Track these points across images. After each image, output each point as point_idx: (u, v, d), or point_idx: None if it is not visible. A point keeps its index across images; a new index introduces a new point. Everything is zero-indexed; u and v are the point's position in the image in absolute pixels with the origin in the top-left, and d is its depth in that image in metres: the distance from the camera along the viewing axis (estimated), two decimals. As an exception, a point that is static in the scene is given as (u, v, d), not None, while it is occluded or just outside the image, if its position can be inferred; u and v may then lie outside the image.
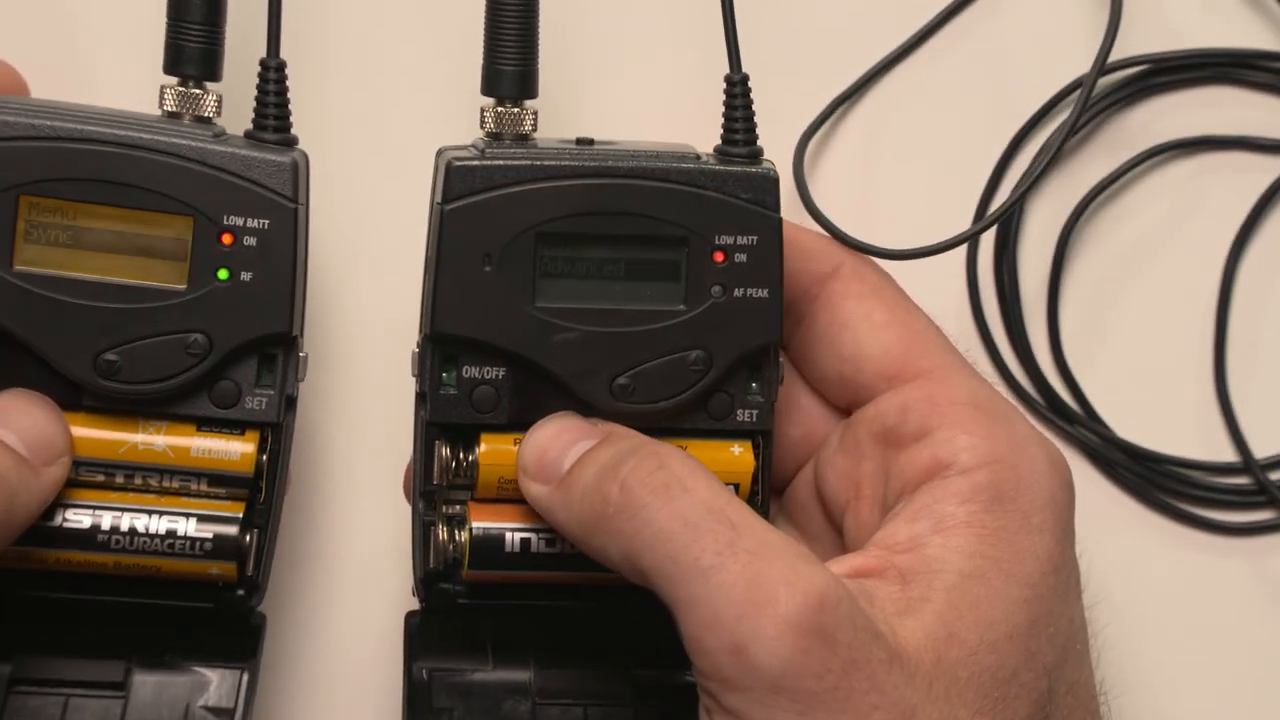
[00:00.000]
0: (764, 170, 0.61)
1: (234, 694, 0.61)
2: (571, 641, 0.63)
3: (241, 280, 0.59)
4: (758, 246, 0.61)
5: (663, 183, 0.60)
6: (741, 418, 0.62)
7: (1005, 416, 0.61)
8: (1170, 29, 0.75)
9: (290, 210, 0.59)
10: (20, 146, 0.58)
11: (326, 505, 0.70)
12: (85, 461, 0.60)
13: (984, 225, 0.68)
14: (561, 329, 0.60)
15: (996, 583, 0.57)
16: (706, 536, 0.55)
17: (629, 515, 0.56)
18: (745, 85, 0.62)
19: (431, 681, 0.62)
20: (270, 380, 0.60)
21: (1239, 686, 0.74)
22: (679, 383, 0.61)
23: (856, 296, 0.63)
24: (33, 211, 0.58)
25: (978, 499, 0.58)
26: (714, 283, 0.61)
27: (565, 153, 0.60)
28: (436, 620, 0.64)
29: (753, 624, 0.53)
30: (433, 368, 0.61)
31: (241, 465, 0.60)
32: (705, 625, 0.54)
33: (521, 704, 0.62)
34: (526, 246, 0.60)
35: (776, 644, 0.53)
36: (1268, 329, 0.75)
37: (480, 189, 0.59)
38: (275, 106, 0.61)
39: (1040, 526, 0.58)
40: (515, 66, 0.61)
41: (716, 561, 0.54)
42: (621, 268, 0.61)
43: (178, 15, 0.61)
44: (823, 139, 0.73)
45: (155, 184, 0.58)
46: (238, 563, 0.60)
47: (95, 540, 0.59)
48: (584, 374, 0.60)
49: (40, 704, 0.60)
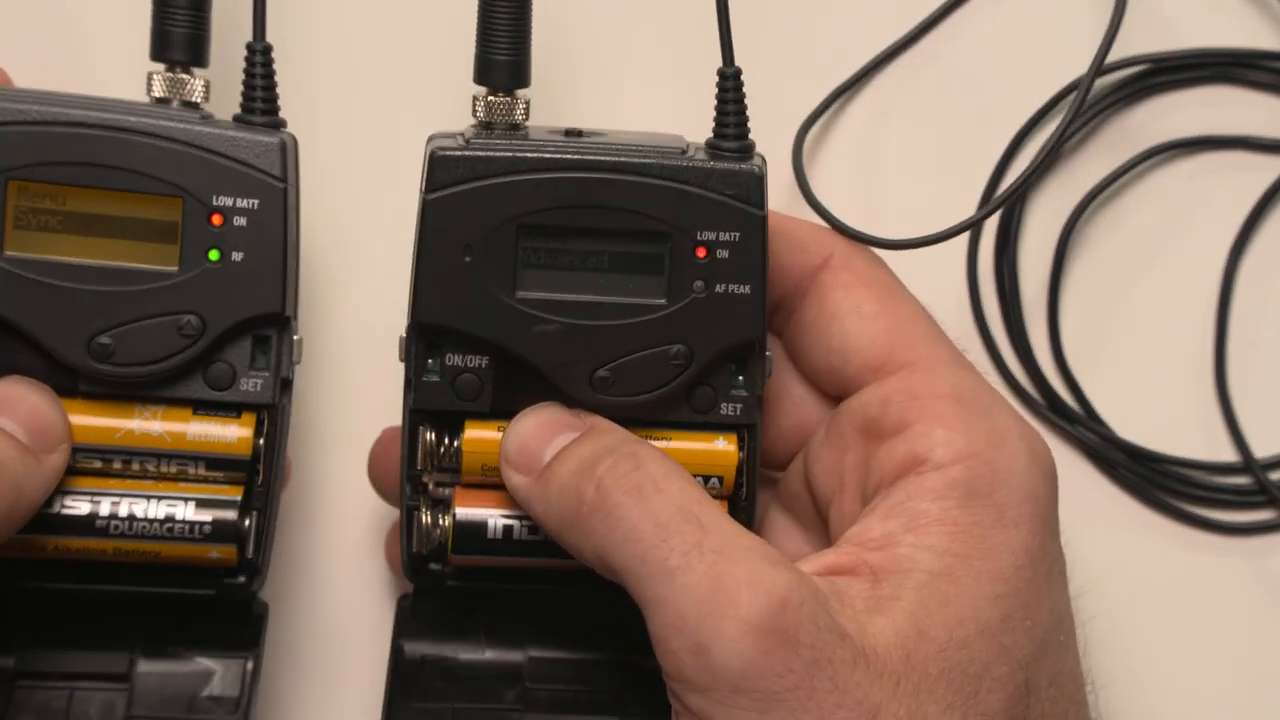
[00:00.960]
0: (749, 167, 0.61)
1: (238, 683, 0.61)
2: (564, 626, 0.63)
3: (232, 260, 0.59)
4: (740, 243, 0.60)
5: (647, 178, 0.60)
6: (725, 411, 0.62)
7: (986, 409, 0.61)
8: (1170, 29, 0.75)
9: (279, 190, 0.59)
10: (7, 132, 0.58)
11: (324, 492, 0.70)
12: (82, 448, 0.60)
13: (988, 211, 0.67)
14: (541, 320, 0.60)
15: (967, 580, 0.57)
16: (675, 537, 0.55)
17: (602, 514, 0.56)
18: (738, 79, 0.62)
19: (423, 663, 0.62)
20: (264, 362, 0.61)
21: (1239, 686, 0.74)
22: (659, 376, 0.61)
23: (845, 287, 0.63)
24: (21, 197, 0.58)
25: (951, 495, 0.58)
26: (696, 278, 0.60)
27: (551, 144, 0.60)
28: (429, 603, 0.65)
29: (715, 625, 0.54)
30: (417, 355, 0.61)
31: (238, 448, 0.60)
32: (670, 626, 0.54)
33: (512, 688, 0.62)
34: (508, 237, 0.60)
35: (737, 645, 0.53)
36: (1268, 329, 0.75)
37: (463, 179, 0.59)
38: (263, 90, 0.61)
39: (1016, 521, 0.58)
40: (507, 56, 0.61)
41: (683, 562, 0.55)
42: (604, 261, 0.61)
43: (164, 1, 0.61)
44: (822, 130, 0.73)
45: (143, 166, 0.58)
46: (237, 546, 0.61)
47: (94, 526, 0.60)
48: (564, 366, 0.61)
49: (45, 697, 0.60)
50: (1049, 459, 0.61)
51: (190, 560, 0.61)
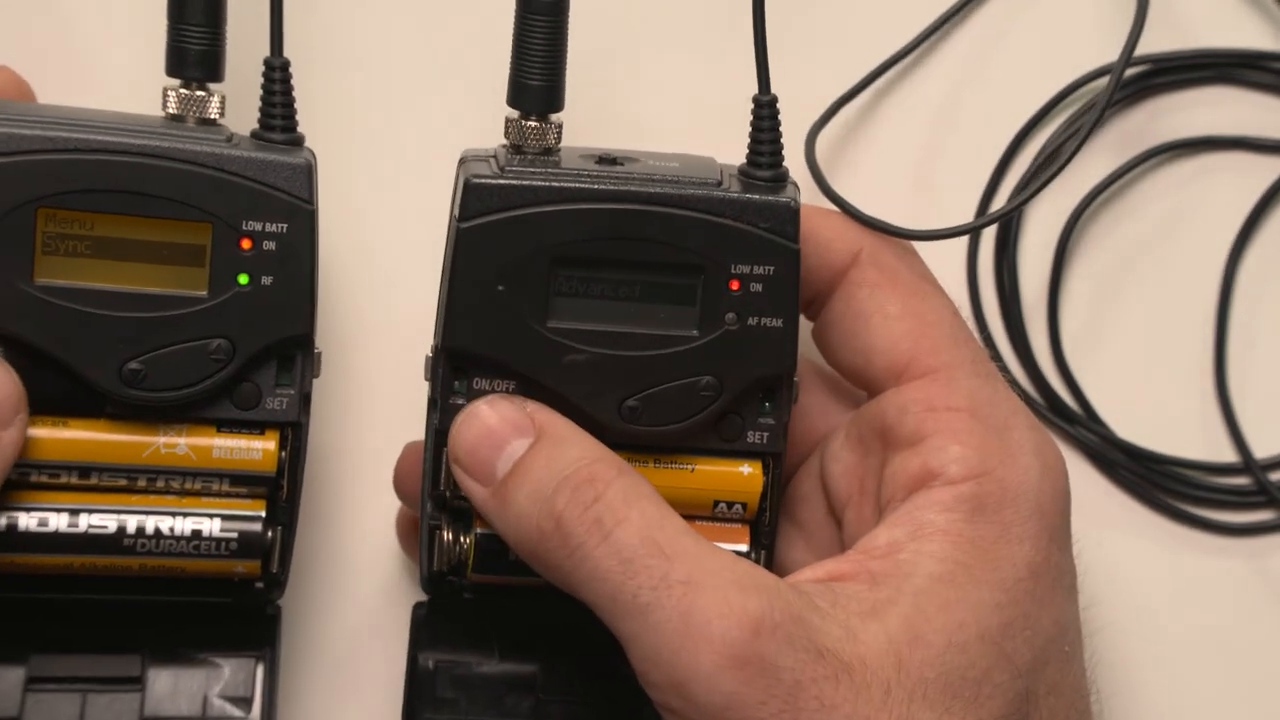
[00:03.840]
0: (784, 200, 0.60)
1: (250, 682, 0.62)
2: (578, 638, 0.63)
3: (262, 284, 0.59)
4: (774, 276, 0.60)
5: (681, 210, 0.60)
6: (752, 439, 0.62)
7: (1003, 423, 0.61)
8: (1171, 29, 0.75)
9: (308, 212, 0.59)
10: (35, 160, 0.57)
11: (339, 502, 0.70)
12: (108, 467, 0.60)
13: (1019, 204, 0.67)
14: (571, 350, 0.60)
15: (967, 586, 0.57)
16: (641, 574, 0.55)
17: (565, 554, 0.56)
18: (773, 108, 0.61)
19: (436, 672, 0.63)
20: (289, 380, 0.61)
21: (1238, 687, 0.74)
22: (688, 407, 0.61)
23: (871, 285, 0.63)
24: (51, 224, 0.58)
25: (959, 509, 0.59)
26: (728, 310, 0.60)
27: (586, 174, 0.60)
28: (444, 612, 0.65)
29: (690, 660, 0.54)
30: (444, 377, 0.61)
31: (264, 464, 0.60)
32: (649, 661, 0.55)
33: (525, 699, 0.62)
34: (541, 267, 0.59)
35: (715, 680, 0.54)
36: (1267, 329, 0.75)
37: (497, 208, 0.59)
38: (281, 106, 0.61)
39: (1021, 537, 0.59)
40: (542, 81, 0.61)
41: (652, 598, 0.55)
42: (636, 291, 0.60)
43: (179, 18, 0.60)
44: (833, 130, 0.73)
45: (172, 192, 0.58)
46: (262, 560, 0.61)
47: (121, 544, 0.60)
48: (593, 396, 0.60)
49: (59, 702, 0.60)
50: (1062, 473, 0.61)
51: (216, 575, 0.61)
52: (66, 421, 0.59)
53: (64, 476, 0.59)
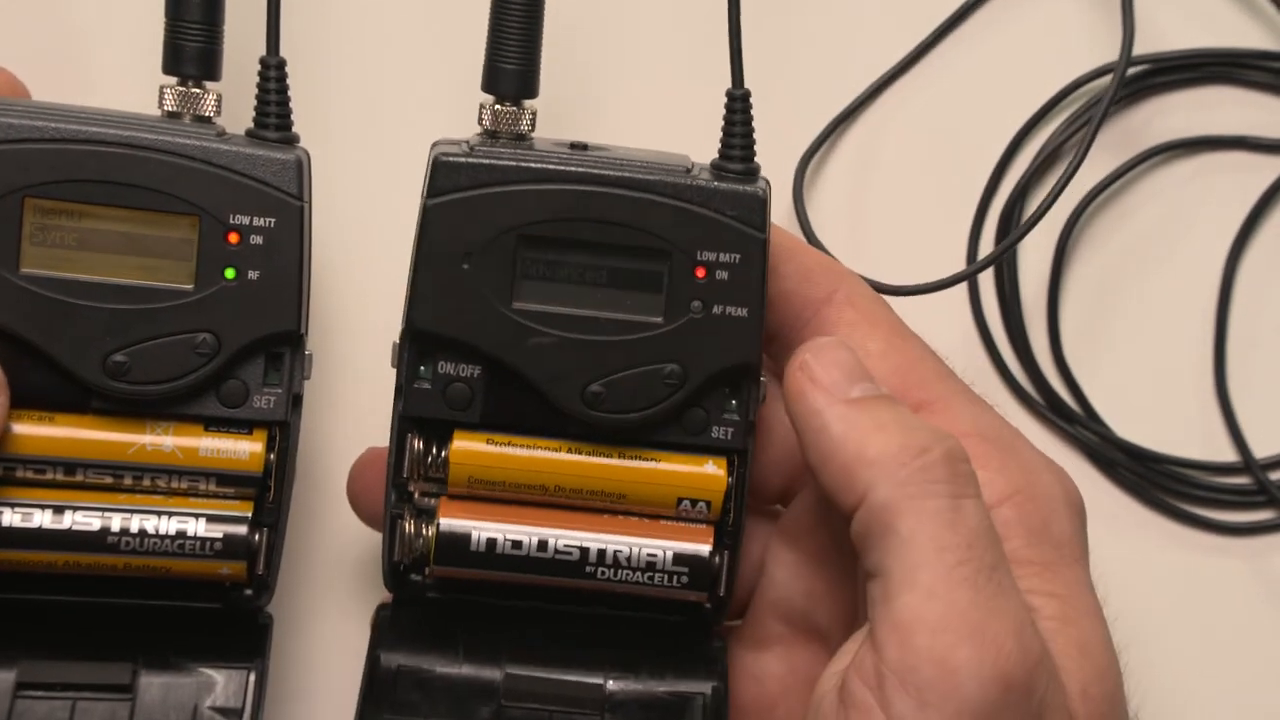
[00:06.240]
0: (753, 189, 0.60)
1: (241, 694, 0.61)
2: (544, 644, 0.62)
3: (249, 279, 0.59)
4: (740, 265, 0.60)
5: (648, 194, 0.59)
6: (717, 434, 0.61)
7: (1012, 445, 0.60)
8: (1170, 29, 0.75)
9: (296, 208, 0.59)
10: (24, 149, 0.57)
11: (328, 504, 0.69)
12: (94, 464, 0.59)
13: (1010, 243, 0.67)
14: (536, 333, 0.60)
15: (1085, 623, 0.57)
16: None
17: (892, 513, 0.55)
18: (746, 101, 0.61)
19: (398, 674, 0.61)
20: (277, 379, 0.60)
21: (1239, 686, 0.74)
22: (651, 395, 0.60)
23: (850, 324, 0.62)
24: (38, 214, 0.58)
25: (1013, 536, 0.57)
26: (694, 298, 0.60)
27: (555, 156, 0.60)
28: (409, 614, 0.64)
29: (975, 654, 0.53)
30: (409, 361, 0.61)
31: (251, 464, 0.60)
32: (924, 628, 0.53)
33: (487, 705, 0.61)
34: (507, 247, 0.59)
35: (988, 686, 0.53)
36: (1268, 329, 0.75)
37: (465, 186, 0.59)
38: (276, 105, 0.60)
39: (1074, 558, 0.58)
40: (516, 66, 0.61)
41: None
42: (602, 275, 0.60)
43: (176, 15, 0.61)
44: (822, 160, 0.73)
45: (160, 184, 0.58)
46: (248, 562, 0.60)
47: (105, 543, 0.59)
48: (557, 379, 0.60)
49: (48, 708, 0.59)
50: (1076, 490, 0.60)
51: (201, 576, 0.60)
52: (53, 417, 0.59)
53: (49, 472, 0.59)
